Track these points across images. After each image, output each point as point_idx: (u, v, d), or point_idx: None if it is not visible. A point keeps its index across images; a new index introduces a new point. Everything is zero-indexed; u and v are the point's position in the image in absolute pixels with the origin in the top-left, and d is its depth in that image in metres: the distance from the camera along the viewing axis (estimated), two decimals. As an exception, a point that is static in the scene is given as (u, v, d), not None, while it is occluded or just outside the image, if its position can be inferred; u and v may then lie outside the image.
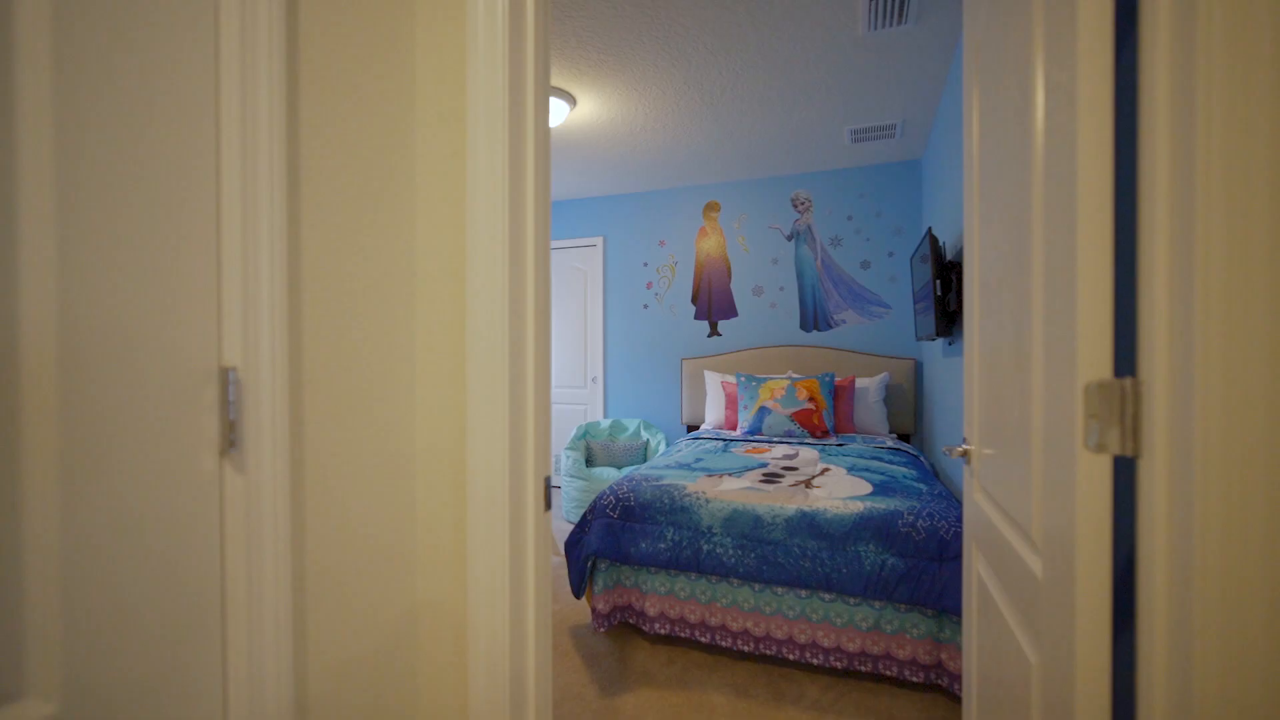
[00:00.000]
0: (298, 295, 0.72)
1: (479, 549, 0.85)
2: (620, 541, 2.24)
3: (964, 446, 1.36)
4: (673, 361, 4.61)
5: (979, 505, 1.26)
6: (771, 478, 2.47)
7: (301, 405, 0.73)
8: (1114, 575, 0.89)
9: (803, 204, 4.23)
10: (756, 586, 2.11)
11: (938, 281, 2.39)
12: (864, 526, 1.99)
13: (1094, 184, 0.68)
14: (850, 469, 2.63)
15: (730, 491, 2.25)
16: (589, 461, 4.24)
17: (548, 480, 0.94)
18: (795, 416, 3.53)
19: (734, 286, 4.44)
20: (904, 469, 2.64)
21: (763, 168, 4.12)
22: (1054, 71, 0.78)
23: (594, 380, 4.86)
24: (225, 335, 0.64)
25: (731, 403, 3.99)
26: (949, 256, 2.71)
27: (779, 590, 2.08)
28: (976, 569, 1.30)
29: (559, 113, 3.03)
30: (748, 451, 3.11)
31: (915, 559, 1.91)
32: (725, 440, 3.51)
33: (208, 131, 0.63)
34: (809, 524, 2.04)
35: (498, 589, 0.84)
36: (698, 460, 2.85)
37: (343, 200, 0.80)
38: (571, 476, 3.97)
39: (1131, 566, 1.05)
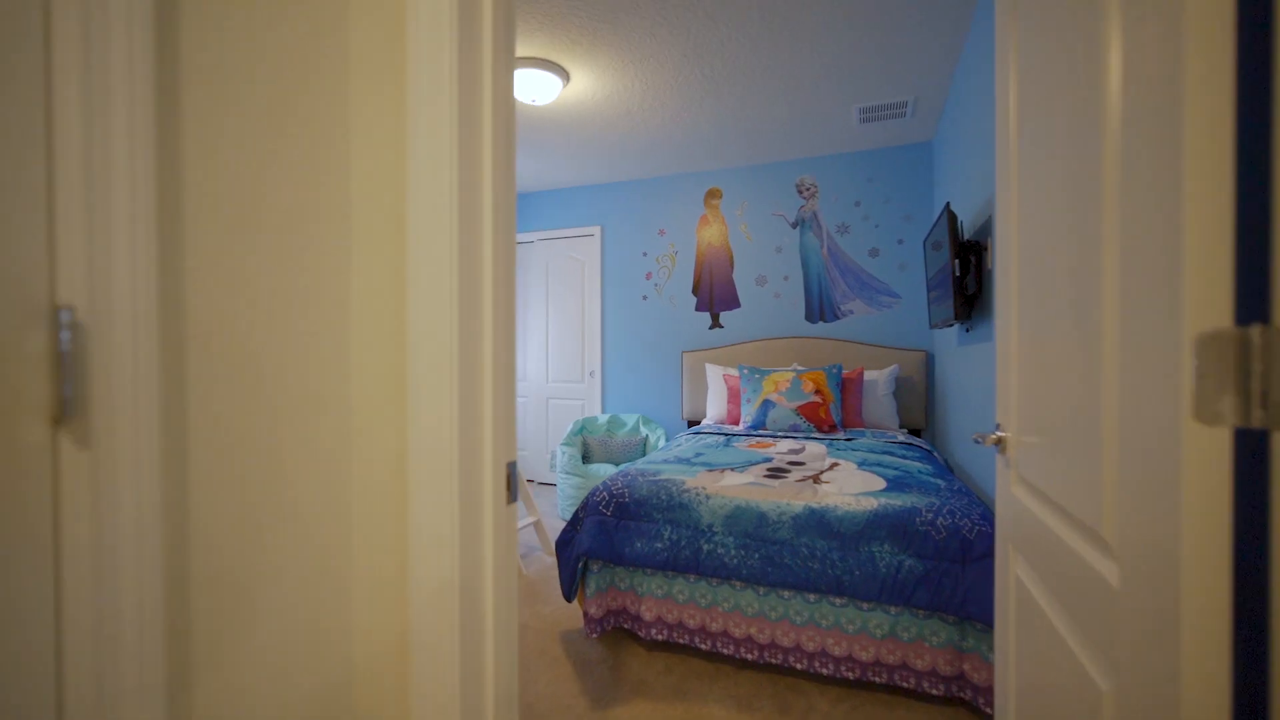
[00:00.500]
0: (176, 220, 0.56)
1: (423, 554, 0.69)
2: (614, 541, 2.08)
3: (997, 434, 1.20)
4: (673, 354, 4.45)
5: (1018, 500, 1.10)
6: (777, 473, 2.31)
7: (184, 365, 0.57)
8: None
9: (808, 190, 4.07)
10: (761, 590, 1.95)
11: (956, 261, 2.22)
12: (878, 525, 1.83)
13: (1210, 54, 0.52)
14: (861, 464, 2.46)
15: (732, 487, 2.09)
16: (586, 458, 4.09)
17: (511, 467, 0.78)
18: (801, 410, 3.36)
19: (736, 276, 4.27)
20: (918, 463, 2.47)
21: (766, 152, 3.95)
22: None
23: (592, 374, 4.70)
24: (60, 263, 0.48)
25: (734, 396, 3.82)
26: (966, 236, 2.54)
27: (785, 594, 1.92)
28: (1014, 573, 1.13)
29: (551, 89, 2.87)
30: (751, 446, 2.94)
31: (935, 560, 1.75)
32: (727, 435, 3.35)
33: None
34: (818, 522, 1.88)
35: (446, 609, 0.68)
36: (698, 455, 2.69)
37: (248, 108, 0.64)
38: (567, 473, 3.81)
39: (1245, 570, 0.87)
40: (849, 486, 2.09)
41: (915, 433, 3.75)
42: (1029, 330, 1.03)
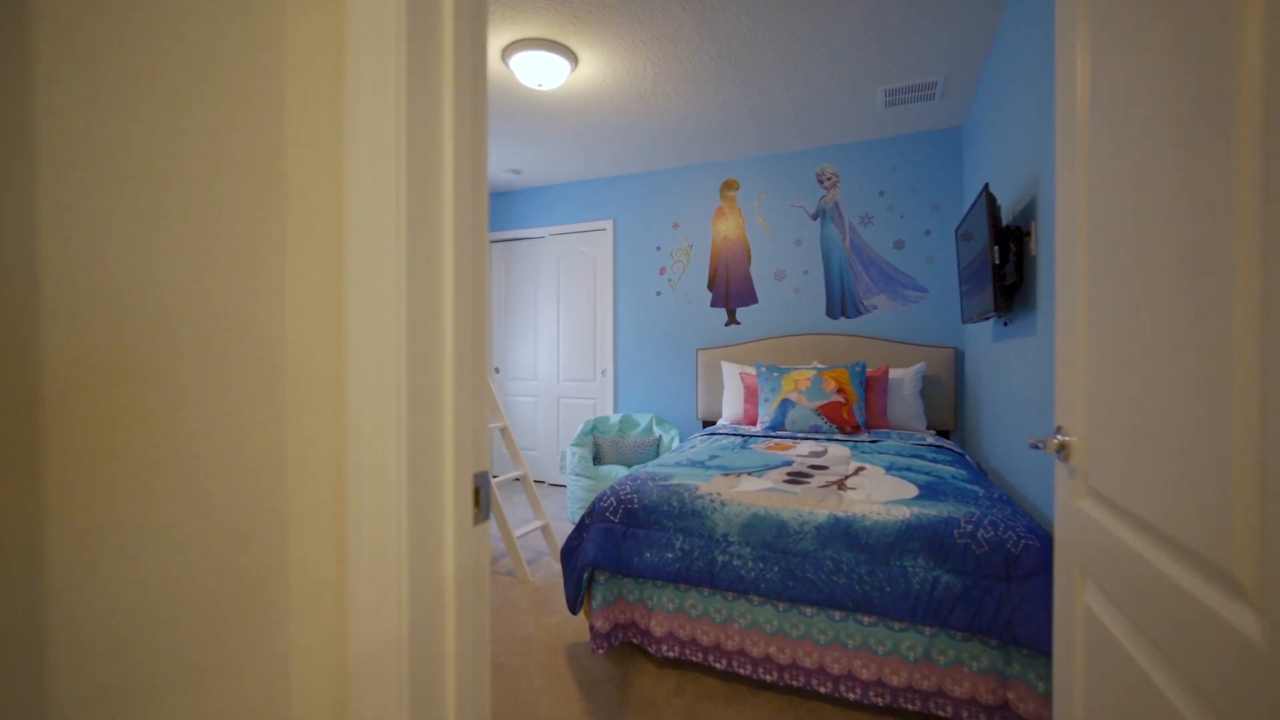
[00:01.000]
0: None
1: (360, 596, 0.56)
2: (622, 550, 1.94)
3: (1059, 438, 1.03)
4: (687, 352, 4.29)
5: (1087, 515, 0.93)
6: (798, 478, 2.15)
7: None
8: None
9: (829, 179, 3.89)
10: (781, 605, 1.79)
11: (995, 249, 2.04)
12: (911, 536, 1.66)
13: None
14: (889, 468, 2.29)
15: (750, 493, 1.93)
16: (597, 459, 3.95)
17: (480, 479, 0.64)
18: (822, 410, 3.19)
19: (754, 271, 4.10)
20: (951, 468, 2.29)
21: (785, 140, 3.78)
22: None
23: (604, 373, 4.57)
24: None
25: (751, 396, 3.66)
26: (1006, 222, 2.35)
27: (807, 610, 1.76)
28: (1082, 601, 0.97)
29: (559, 73, 2.73)
30: (769, 448, 2.78)
31: (975, 577, 1.58)
32: (744, 436, 3.19)
33: None
34: (844, 532, 1.72)
35: (387, 676, 0.54)
36: (713, 457, 2.53)
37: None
38: (578, 475, 3.68)
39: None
40: (877, 493, 1.92)
41: (944, 434, 3.55)
42: (1103, 323, 0.87)
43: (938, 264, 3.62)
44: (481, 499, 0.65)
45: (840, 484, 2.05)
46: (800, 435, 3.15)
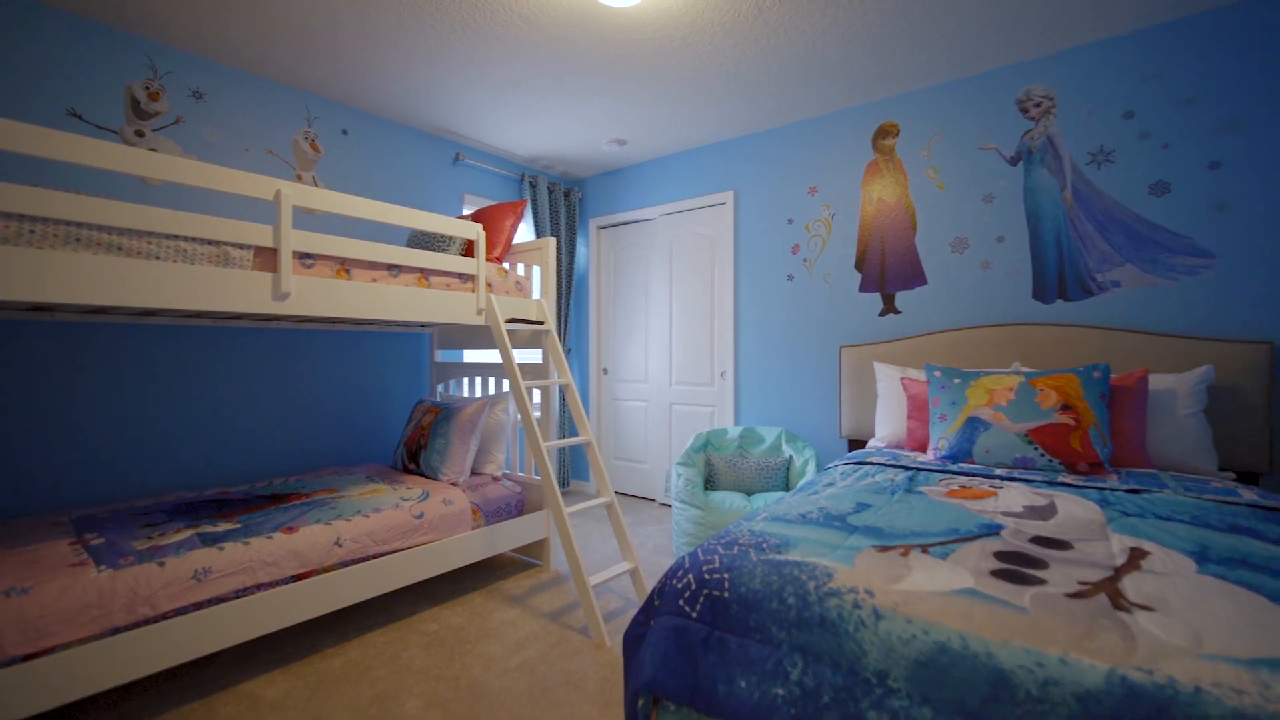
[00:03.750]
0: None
1: None
2: (700, 669, 1.20)
3: None
4: (828, 350, 3.37)
5: None
6: (1019, 566, 1.23)
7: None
8: None
9: (1038, 106, 2.74)
10: (997, 832, 0.93)
11: None
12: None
13: None
14: (1197, 556, 1.27)
15: (930, 599, 1.08)
16: (710, 483, 3.21)
17: None
18: (1037, 436, 2.14)
19: (920, 242, 3.07)
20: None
21: (969, 56, 2.72)
22: None
23: (722, 375, 3.80)
24: None
25: (919, 410, 2.66)
26: None
27: None
28: None
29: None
30: (953, 494, 1.84)
31: None
32: (909, 469, 2.24)
33: None
34: (1152, 725, 0.81)
35: None
36: (861, 507, 1.68)
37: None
38: (684, 503, 2.97)
39: None
40: (1207, 625, 0.96)
41: (1251, 479, 2.26)
42: None
43: (1234, 214, 2.33)
44: None
45: (1113, 591, 1.11)
46: (1002, 474, 2.12)
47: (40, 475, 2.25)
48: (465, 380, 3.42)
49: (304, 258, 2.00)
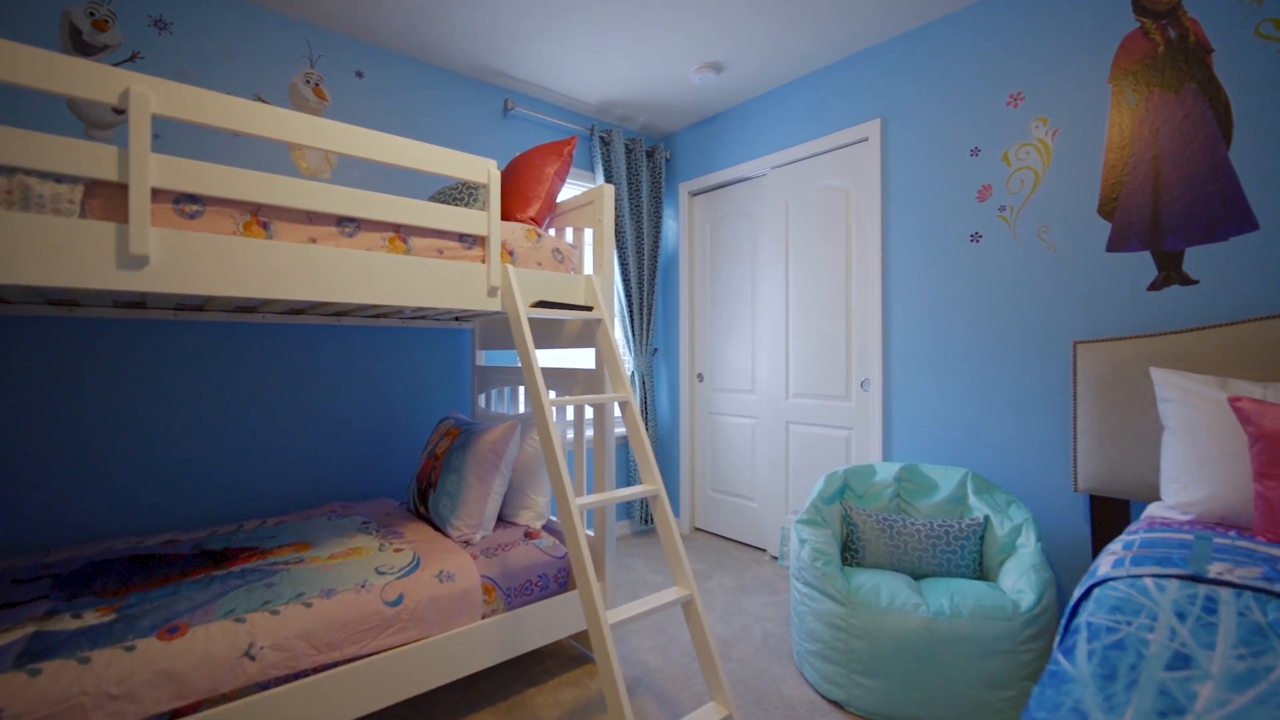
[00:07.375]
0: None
1: None
2: None
3: None
4: (1049, 347, 2.13)
5: None
6: None
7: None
8: None
9: None
10: None
11: None
12: None
13: None
14: None
15: None
16: (850, 550, 2.10)
17: None
18: None
19: (1238, 156, 1.76)
20: None
21: None
22: None
23: (863, 386, 2.67)
24: None
25: (1269, 452, 1.38)
26: None
27: None
28: None
29: None
30: None
31: None
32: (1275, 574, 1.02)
33: None
34: None
35: None
36: (1238, 680, 0.55)
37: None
38: (811, 587, 1.90)
39: None
40: None
41: None
42: None
43: None
44: None
45: None
46: None
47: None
48: (508, 391, 2.61)
49: (183, 201, 1.25)
